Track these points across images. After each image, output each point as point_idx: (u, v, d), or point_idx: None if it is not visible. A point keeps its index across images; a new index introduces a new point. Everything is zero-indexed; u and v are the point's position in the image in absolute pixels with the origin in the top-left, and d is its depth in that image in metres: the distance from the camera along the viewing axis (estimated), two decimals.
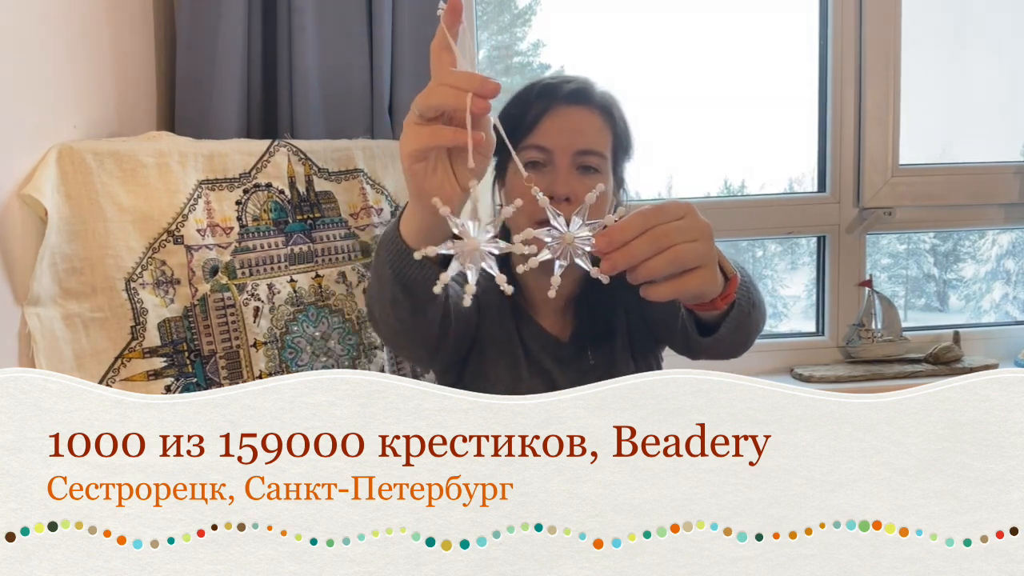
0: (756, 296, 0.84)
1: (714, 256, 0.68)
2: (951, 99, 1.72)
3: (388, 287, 0.79)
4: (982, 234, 1.88)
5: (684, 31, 1.64)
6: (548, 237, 0.59)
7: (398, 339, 0.88)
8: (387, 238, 0.78)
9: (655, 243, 0.63)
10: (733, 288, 0.76)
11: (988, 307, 1.87)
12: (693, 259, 0.65)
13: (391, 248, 0.76)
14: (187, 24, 1.21)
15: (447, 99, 0.58)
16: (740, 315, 0.81)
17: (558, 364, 1.04)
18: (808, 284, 1.77)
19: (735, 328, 0.82)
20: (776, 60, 1.66)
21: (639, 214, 0.64)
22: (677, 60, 1.64)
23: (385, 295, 0.81)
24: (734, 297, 0.77)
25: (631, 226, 0.63)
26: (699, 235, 0.65)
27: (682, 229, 0.64)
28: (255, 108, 1.25)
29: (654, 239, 0.63)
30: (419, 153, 0.62)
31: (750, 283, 0.84)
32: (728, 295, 0.75)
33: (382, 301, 0.82)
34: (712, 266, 0.67)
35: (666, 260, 0.63)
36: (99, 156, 0.91)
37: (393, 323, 0.84)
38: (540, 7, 1.70)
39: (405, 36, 1.27)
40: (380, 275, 0.80)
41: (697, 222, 0.66)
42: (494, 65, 1.72)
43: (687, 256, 0.64)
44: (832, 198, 1.63)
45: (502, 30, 1.71)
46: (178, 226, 0.97)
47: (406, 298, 0.79)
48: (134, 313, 0.91)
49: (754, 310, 0.83)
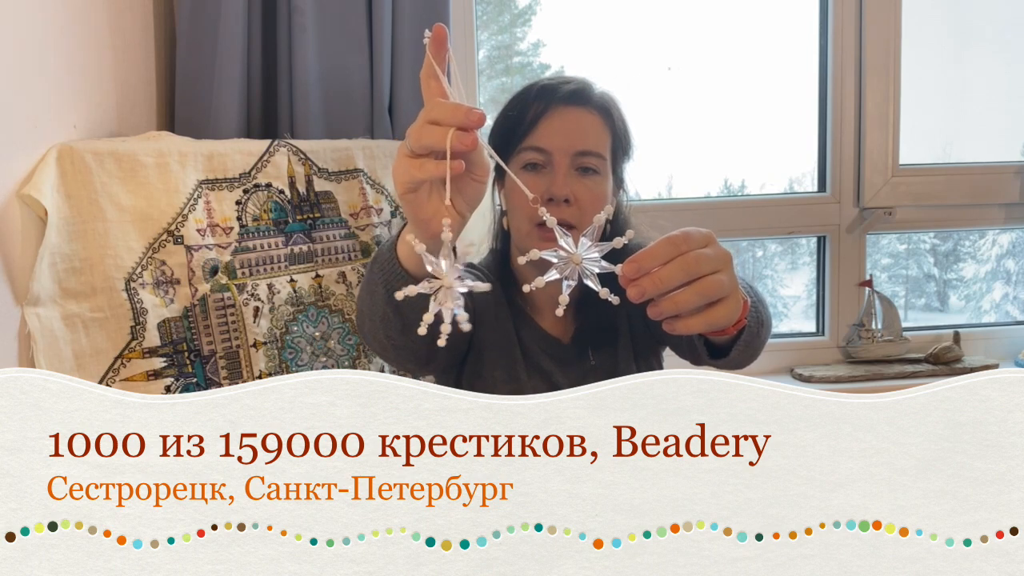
0: (764, 314, 0.84)
1: (736, 285, 0.66)
2: (951, 99, 1.72)
3: (380, 305, 0.79)
4: (982, 234, 1.88)
5: (684, 31, 1.64)
6: (555, 258, 0.58)
7: (387, 354, 0.88)
8: (383, 257, 0.78)
9: (687, 271, 0.61)
10: (745, 313, 0.75)
11: (988, 307, 1.87)
12: (719, 291, 0.63)
13: (386, 268, 0.76)
14: (187, 24, 1.21)
15: (433, 138, 0.58)
16: (750, 336, 0.81)
17: (559, 365, 1.03)
18: (808, 284, 1.77)
19: (745, 348, 0.82)
20: (776, 60, 1.66)
21: (668, 241, 0.62)
22: (677, 60, 1.64)
23: (376, 312, 0.81)
24: (746, 322, 0.76)
25: (660, 252, 0.61)
26: (724, 265, 0.64)
27: (709, 258, 0.63)
28: (255, 108, 1.25)
29: (686, 266, 0.61)
30: (409, 185, 0.62)
31: (759, 302, 0.84)
32: (740, 321, 0.75)
33: (372, 317, 0.82)
34: (736, 296, 0.66)
35: (695, 292, 0.62)
36: (99, 156, 0.91)
37: (382, 339, 0.84)
38: (540, 7, 1.69)
39: (405, 36, 1.27)
40: (372, 291, 0.80)
41: (720, 251, 0.64)
42: (494, 65, 1.72)
43: (715, 288, 0.63)
44: (832, 198, 1.63)
45: (502, 30, 1.71)
46: (178, 226, 0.97)
47: (397, 318, 0.79)
48: (134, 313, 0.91)
49: (762, 329, 0.83)
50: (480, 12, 1.59)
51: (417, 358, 0.89)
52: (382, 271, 0.77)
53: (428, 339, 0.87)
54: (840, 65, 1.59)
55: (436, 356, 0.92)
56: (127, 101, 1.13)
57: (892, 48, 1.57)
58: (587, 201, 0.97)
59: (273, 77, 1.27)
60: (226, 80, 1.20)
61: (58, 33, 0.94)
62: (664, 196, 1.68)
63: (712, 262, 0.63)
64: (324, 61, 1.25)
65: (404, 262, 0.75)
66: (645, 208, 1.58)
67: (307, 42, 1.23)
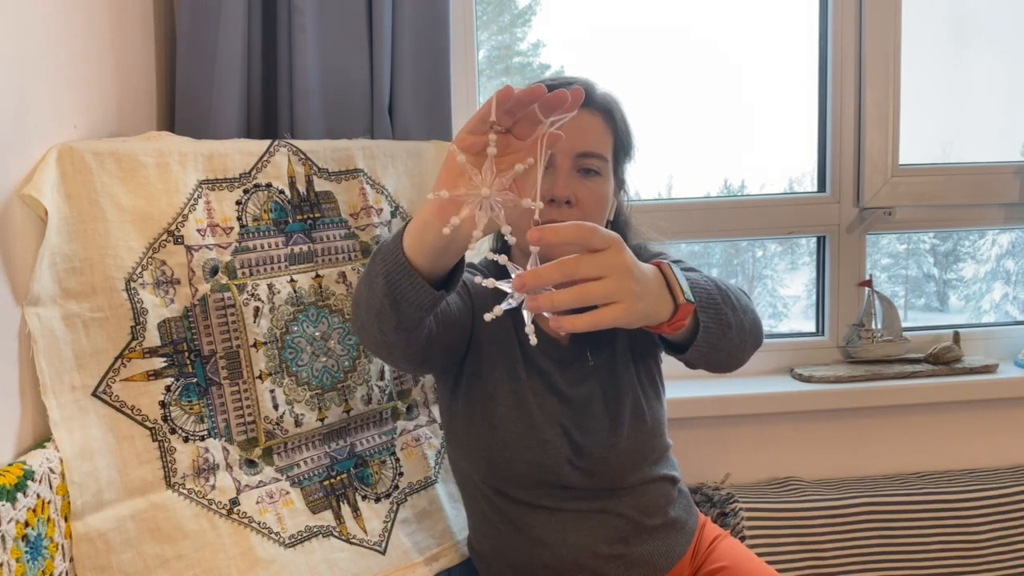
0: (733, 317, 0.84)
1: (632, 290, 0.67)
2: (951, 99, 1.72)
3: (378, 297, 0.79)
4: (982, 234, 1.88)
5: (684, 31, 1.64)
6: (508, 287, 0.63)
7: (379, 350, 0.89)
8: (386, 250, 0.78)
9: (563, 272, 0.63)
10: (683, 316, 0.75)
11: (988, 307, 1.87)
12: (599, 298, 0.65)
13: (390, 260, 0.76)
14: (187, 24, 1.21)
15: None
16: (710, 337, 0.81)
17: (558, 365, 1.04)
18: (808, 284, 1.77)
19: (709, 349, 0.82)
20: (776, 60, 1.66)
21: (575, 226, 0.64)
22: (677, 60, 1.64)
23: (373, 304, 0.80)
24: (684, 324, 0.76)
25: (564, 233, 0.64)
26: (611, 272, 0.65)
27: (595, 264, 0.65)
28: (255, 108, 1.25)
29: (563, 268, 0.63)
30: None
31: (726, 304, 0.83)
32: (676, 322, 0.75)
33: (368, 310, 0.82)
34: (630, 301, 0.66)
35: (570, 295, 0.64)
36: (99, 156, 0.91)
37: (376, 334, 0.84)
38: (540, 7, 1.69)
39: (405, 36, 1.27)
40: (372, 283, 0.80)
41: (614, 259, 0.66)
42: (494, 65, 1.72)
43: (593, 293, 0.64)
44: (832, 198, 1.63)
45: (502, 30, 1.71)
46: (178, 226, 0.97)
47: (393, 313, 0.79)
48: (134, 313, 0.91)
49: (729, 331, 0.83)
50: (480, 12, 1.59)
51: (409, 357, 0.89)
52: (384, 263, 0.77)
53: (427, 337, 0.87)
54: (840, 65, 1.59)
55: (430, 356, 0.92)
56: (127, 101, 1.13)
57: (892, 48, 1.57)
58: (589, 202, 0.97)
59: (273, 77, 1.27)
60: (226, 80, 1.20)
61: (58, 33, 0.94)
62: (664, 196, 1.68)
63: (597, 268, 0.64)
64: (324, 61, 1.25)
65: (409, 255, 0.75)
66: (645, 208, 1.58)
67: (307, 42, 1.23)
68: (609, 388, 1.03)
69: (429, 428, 1.22)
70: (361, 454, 1.12)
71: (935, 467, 1.60)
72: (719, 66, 1.65)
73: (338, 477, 1.09)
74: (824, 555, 1.41)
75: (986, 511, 1.45)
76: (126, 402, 0.91)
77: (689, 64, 1.64)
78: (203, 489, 0.94)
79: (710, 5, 1.66)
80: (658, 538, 1.03)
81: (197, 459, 0.95)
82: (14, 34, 0.83)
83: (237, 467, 0.99)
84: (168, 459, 0.93)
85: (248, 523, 0.96)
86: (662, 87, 1.63)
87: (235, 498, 0.97)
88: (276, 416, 1.03)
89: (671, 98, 1.64)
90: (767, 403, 1.53)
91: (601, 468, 1.01)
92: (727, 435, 1.56)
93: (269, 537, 0.97)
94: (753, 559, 1.08)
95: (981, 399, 1.58)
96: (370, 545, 1.07)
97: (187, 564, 0.90)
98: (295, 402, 1.06)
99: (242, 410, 1.01)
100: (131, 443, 0.90)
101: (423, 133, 1.29)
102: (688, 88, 1.64)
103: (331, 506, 1.06)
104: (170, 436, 0.93)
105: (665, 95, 1.63)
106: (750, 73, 1.66)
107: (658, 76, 1.63)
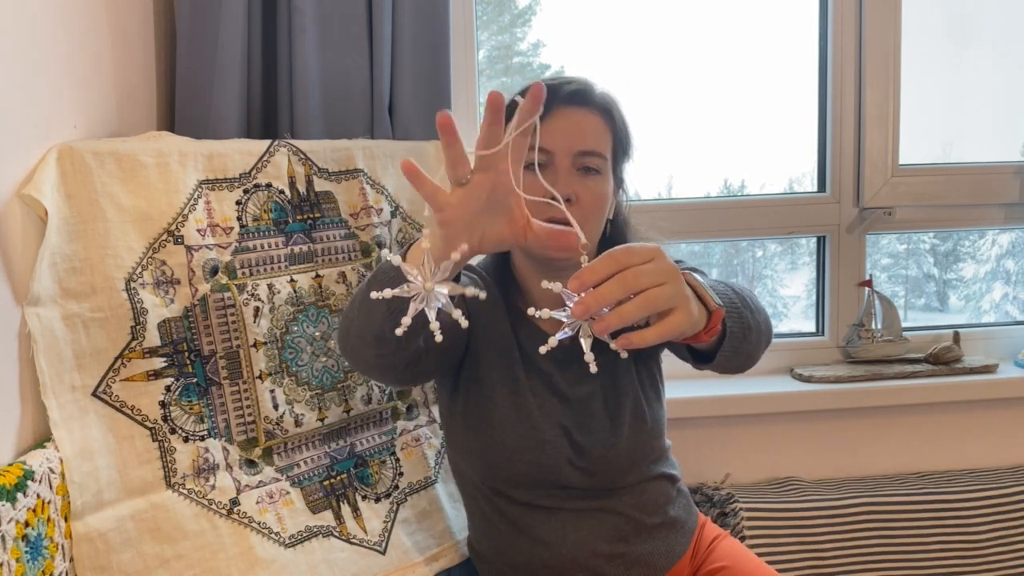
0: (752, 319, 0.85)
1: (686, 295, 0.67)
2: (951, 99, 1.72)
3: (377, 322, 0.79)
4: (982, 234, 1.88)
5: (684, 31, 1.64)
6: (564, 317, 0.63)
7: (371, 373, 0.89)
8: (385, 268, 0.78)
9: (625, 286, 0.63)
10: (716, 322, 0.75)
11: (988, 307, 1.87)
12: (664, 302, 0.65)
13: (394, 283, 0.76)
14: (187, 24, 1.21)
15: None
16: (735, 342, 0.82)
17: (557, 366, 1.04)
18: (808, 284, 1.77)
19: (732, 354, 0.83)
20: (776, 60, 1.66)
21: (608, 256, 0.64)
22: (677, 60, 1.64)
23: (372, 329, 0.80)
24: (719, 330, 0.76)
25: (601, 268, 0.63)
26: (668, 278, 0.65)
27: (650, 272, 0.64)
28: (255, 108, 1.25)
29: (624, 282, 0.63)
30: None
31: (745, 307, 0.84)
32: (712, 328, 0.75)
33: (363, 335, 0.82)
34: (685, 306, 0.67)
35: (637, 305, 0.63)
36: (99, 156, 0.91)
37: (371, 358, 0.84)
38: (540, 7, 1.69)
39: (405, 36, 1.27)
40: (369, 309, 0.80)
41: (664, 264, 0.66)
42: (494, 65, 1.72)
43: (658, 300, 0.64)
44: (832, 198, 1.63)
45: (502, 30, 1.71)
46: (178, 226, 0.97)
47: (394, 335, 0.79)
48: (134, 313, 0.91)
49: (750, 333, 0.84)
50: (480, 12, 1.59)
51: (400, 378, 0.91)
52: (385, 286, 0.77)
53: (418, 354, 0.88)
54: (840, 65, 1.59)
55: (423, 372, 0.94)
56: (127, 101, 1.13)
57: (892, 48, 1.57)
58: (588, 201, 0.97)
59: (273, 77, 1.27)
60: (226, 80, 1.20)
61: (58, 33, 0.94)
62: (664, 196, 1.68)
63: (653, 276, 0.64)
64: (324, 61, 1.25)
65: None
66: (645, 208, 1.58)
67: (307, 42, 1.23)
68: (610, 388, 1.03)
69: (429, 428, 1.22)
70: (361, 454, 1.12)
71: (935, 467, 1.60)
72: (719, 66, 1.65)
73: (338, 477, 1.09)
74: (824, 555, 1.41)
75: (986, 511, 1.45)
76: (126, 402, 0.91)
77: (689, 64, 1.64)
78: (203, 489, 0.94)
79: (710, 5, 1.66)
80: (658, 537, 1.03)
81: (197, 459, 0.95)
82: (14, 34, 0.83)
83: (237, 467, 0.99)
84: (168, 459, 0.93)
85: (248, 523, 0.96)
86: (662, 87, 1.63)
87: (235, 498, 0.97)
88: (276, 416, 1.03)
89: (671, 98, 1.63)
90: (767, 403, 1.53)
91: (601, 468, 1.01)
92: (727, 435, 1.56)
93: (269, 537, 0.98)
94: (753, 559, 1.08)
95: (981, 399, 1.58)
96: (370, 545, 1.07)
97: (187, 564, 0.90)
98: (295, 402, 1.06)
99: (242, 410, 1.01)
100: (131, 443, 0.90)
101: (423, 133, 1.29)
102: (688, 88, 1.64)
103: (331, 506, 1.06)
104: (170, 436, 0.93)
105: (665, 95, 1.63)
106: (750, 73, 1.66)
107: (658, 76, 1.63)
